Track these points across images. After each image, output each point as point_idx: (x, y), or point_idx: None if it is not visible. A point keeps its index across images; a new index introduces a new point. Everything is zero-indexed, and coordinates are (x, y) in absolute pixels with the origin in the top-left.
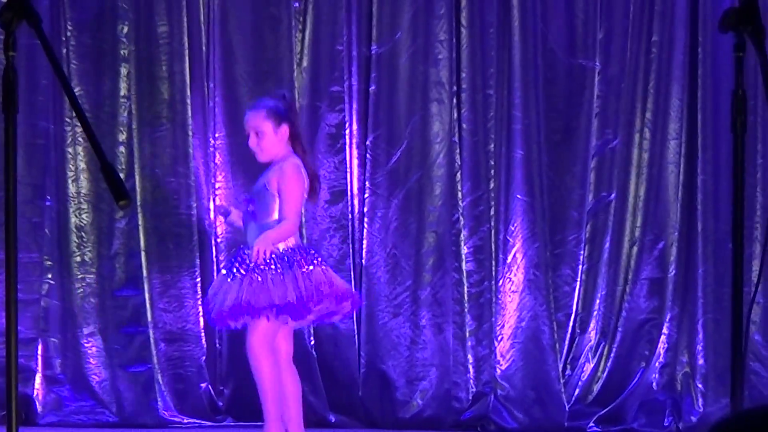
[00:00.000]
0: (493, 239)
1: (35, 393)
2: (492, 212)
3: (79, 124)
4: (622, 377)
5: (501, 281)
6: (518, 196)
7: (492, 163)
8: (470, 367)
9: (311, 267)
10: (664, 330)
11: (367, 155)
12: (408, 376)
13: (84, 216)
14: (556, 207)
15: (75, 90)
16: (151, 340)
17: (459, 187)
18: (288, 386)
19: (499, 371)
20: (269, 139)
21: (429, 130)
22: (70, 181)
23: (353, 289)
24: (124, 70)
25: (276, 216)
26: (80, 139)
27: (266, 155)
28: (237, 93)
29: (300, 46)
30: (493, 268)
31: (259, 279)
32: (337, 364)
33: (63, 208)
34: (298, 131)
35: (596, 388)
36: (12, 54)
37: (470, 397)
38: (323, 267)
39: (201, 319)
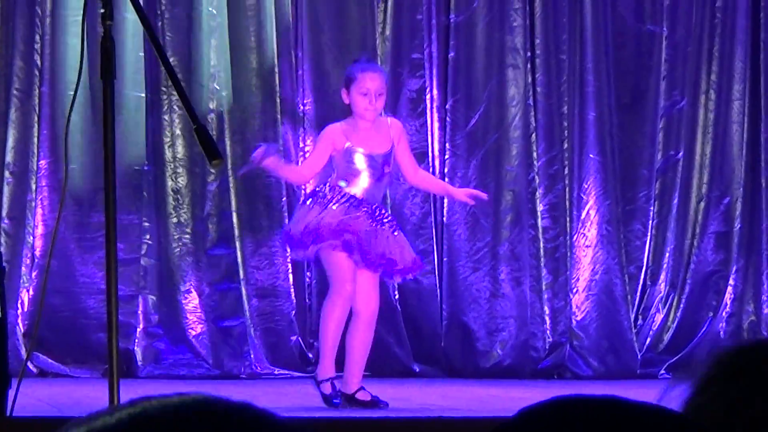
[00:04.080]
0: (567, 197)
1: (135, 347)
2: (566, 171)
3: (174, 92)
4: (691, 326)
5: (575, 236)
6: (591, 155)
7: (565, 124)
8: (547, 318)
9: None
10: (731, 281)
11: (447, 118)
12: (488, 327)
13: (179, 179)
14: (626, 165)
15: (170, 60)
16: (244, 296)
17: (534, 148)
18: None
19: (574, 322)
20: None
21: (505, 94)
22: (166, 146)
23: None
24: (214, 42)
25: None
26: (175, 107)
27: (375, 117)
28: (323, 61)
29: (383, 15)
30: (568, 224)
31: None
32: (420, 317)
33: (160, 172)
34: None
35: (666, 337)
36: (109, 23)
37: (547, 347)
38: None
39: (290, 276)
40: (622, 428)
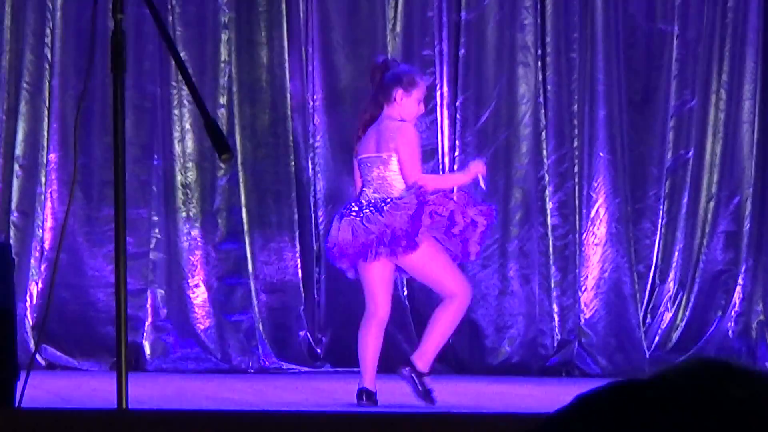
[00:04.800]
0: (576, 195)
1: (143, 341)
2: (576, 169)
3: (184, 87)
4: (699, 325)
5: (584, 234)
6: (601, 153)
7: (575, 122)
8: (555, 316)
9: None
10: (740, 281)
11: (457, 116)
12: (496, 324)
13: (189, 174)
14: (636, 164)
15: (180, 55)
16: (252, 291)
17: (544, 146)
18: None
19: (582, 320)
20: None
21: (515, 92)
22: (176, 141)
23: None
24: (224, 36)
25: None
26: (185, 101)
27: None
28: (334, 57)
29: (393, 12)
30: (577, 222)
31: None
32: (429, 313)
33: (169, 167)
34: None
35: (675, 335)
36: (120, 16)
37: (555, 345)
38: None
39: (299, 271)
40: (679, 409)
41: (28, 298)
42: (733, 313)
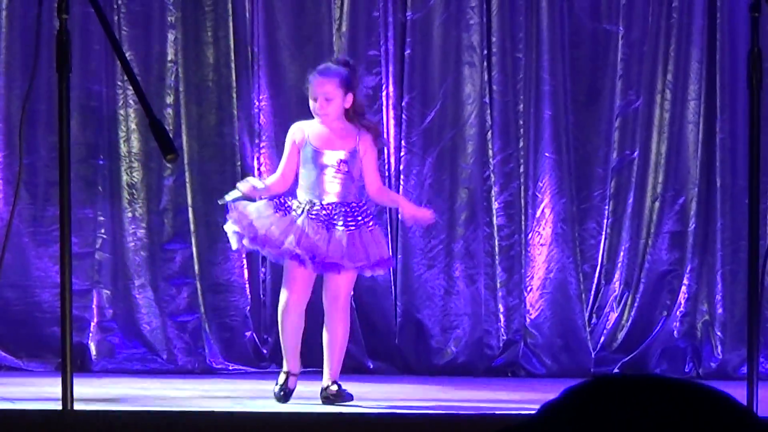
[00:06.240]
0: (522, 195)
1: (89, 342)
2: (521, 169)
3: (130, 86)
4: (644, 326)
5: (530, 235)
6: (546, 153)
7: (521, 122)
8: (501, 316)
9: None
10: (685, 281)
11: (403, 115)
12: (442, 324)
13: (135, 174)
14: (582, 164)
15: (126, 55)
16: (199, 291)
17: (490, 146)
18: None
19: (528, 320)
20: (337, 106)
21: (461, 92)
22: (121, 141)
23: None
24: (171, 36)
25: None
26: (131, 101)
27: (330, 120)
28: (279, 57)
29: (339, 12)
30: (523, 223)
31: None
32: (375, 313)
33: (115, 167)
34: (360, 99)
35: (620, 335)
36: (65, 16)
37: (501, 345)
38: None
39: (245, 271)
40: (665, 404)
41: None
42: (678, 313)
